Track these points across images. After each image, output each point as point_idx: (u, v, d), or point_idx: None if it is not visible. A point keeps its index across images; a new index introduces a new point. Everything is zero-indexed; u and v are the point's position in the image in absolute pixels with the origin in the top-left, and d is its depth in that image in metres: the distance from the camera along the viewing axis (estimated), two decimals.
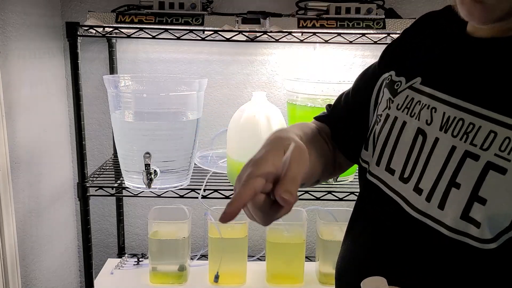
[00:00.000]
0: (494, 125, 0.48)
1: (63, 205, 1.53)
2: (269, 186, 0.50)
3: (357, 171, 0.76)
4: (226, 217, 0.47)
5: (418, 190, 0.55)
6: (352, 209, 0.72)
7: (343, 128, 0.75)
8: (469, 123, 0.50)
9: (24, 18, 1.25)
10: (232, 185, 1.18)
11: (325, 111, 0.81)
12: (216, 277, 1.40)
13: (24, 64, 1.26)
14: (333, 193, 1.20)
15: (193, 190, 1.21)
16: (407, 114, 0.58)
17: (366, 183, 0.65)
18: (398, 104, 0.61)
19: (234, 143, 1.20)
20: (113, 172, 1.38)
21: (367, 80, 0.73)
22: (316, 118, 0.80)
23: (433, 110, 0.55)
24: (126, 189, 1.22)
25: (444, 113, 0.53)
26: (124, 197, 1.58)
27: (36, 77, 1.33)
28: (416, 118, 0.57)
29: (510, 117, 0.47)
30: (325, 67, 1.51)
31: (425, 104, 0.56)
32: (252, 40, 1.20)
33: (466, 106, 0.51)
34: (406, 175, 0.56)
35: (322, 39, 1.20)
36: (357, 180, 1.16)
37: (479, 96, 0.51)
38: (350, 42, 1.22)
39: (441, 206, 0.52)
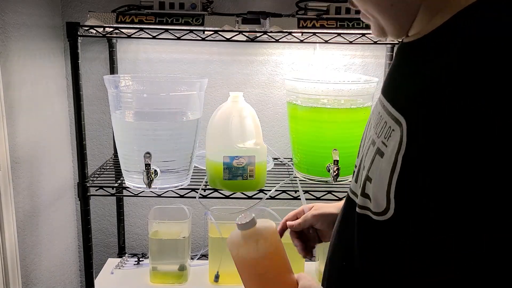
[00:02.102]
0: (387, 116, 0.53)
1: (63, 205, 1.54)
2: None
3: None
4: None
5: (357, 179, 0.62)
6: None
7: None
8: (380, 116, 0.56)
9: (24, 18, 1.25)
10: (213, 187, 1.19)
11: None
12: (216, 277, 1.40)
13: (25, 64, 1.26)
14: (333, 193, 1.20)
15: (193, 190, 1.21)
16: (370, 115, 0.64)
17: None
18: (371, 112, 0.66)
19: (209, 142, 1.20)
20: (114, 172, 1.38)
21: None
22: None
23: (376, 107, 0.61)
24: (127, 189, 1.22)
25: (379, 112, 0.58)
26: (124, 197, 1.59)
27: (37, 77, 1.33)
28: (373, 117, 0.62)
29: (395, 108, 0.52)
30: (325, 67, 1.51)
31: (376, 104, 0.61)
32: (252, 40, 1.20)
33: (383, 102, 0.57)
34: (358, 174, 0.63)
35: (322, 39, 1.20)
36: None
37: (389, 93, 0.57)
38: (350, 42, 1.22)
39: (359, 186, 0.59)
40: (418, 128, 0.47)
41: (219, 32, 1.20)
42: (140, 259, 1.55)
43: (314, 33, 1.19)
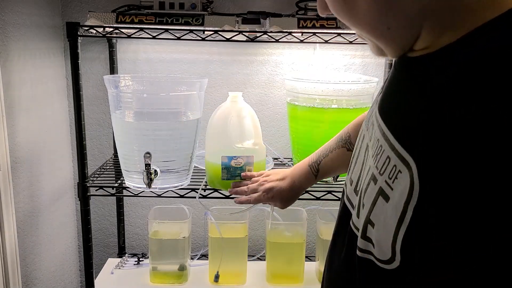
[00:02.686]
0: (391, 151, 0.46)
1: (63, 205, 1.54)
2: None
3: None
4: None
5: (355, 206, 0.55)
6: None
7: None
8: (380, 145, 0.49)
9: (24, 18, 1.25)
10: (212, 187, 1.21)
11: None
12: (216, 277, 1.40)
13: (25, 64, 1.26)
14: (333, 193, 1.20)
15: (193, 190, 1.21)
16: (366, 128, 0.59)
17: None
18: (367, 117, 0.61)
19: (208, 142, 1.20)
20: (114, 172, 1.38)
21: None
22: None
23: (372, 127, 0.55)
24: (127, 189, 1.22)
25: (374, 132, 0.53)
26: (124, 197, 1.59)
27: (37, 77, 1.33)
28: (367, 134, 0.57)
29: (400, 144, 0.45)
30: (325, 67, 1.51)
31: (372, 121, 0.56)
32: (252, 40, 1.20)
33: (382, 127, 0.50)
34: (358, 188, 0.56)
35: (322, 39, 1.20)
36: None
37: (389, 118, 0.50)
38: (350, 42, 1.22)
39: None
40: (433, 176, 0.40)
41: (219, 32, 1.20)
42: (140, 259, 1.55)
43: (314, 33, 1.19)
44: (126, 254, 1.61)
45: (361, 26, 0.49)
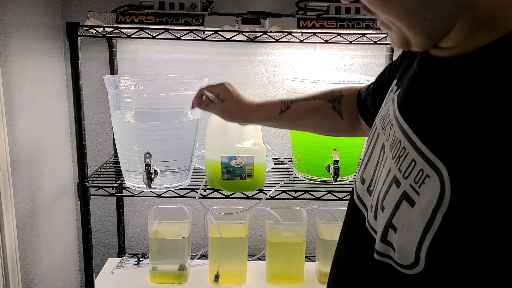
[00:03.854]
0: (416, 154, 0.45)
1: (63, 205, 1.54)
2: None
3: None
4: None
5: (372, 206, 0.54)
6: None
7: (366, 110, 0.84)
8: (403, 147, 0.48)
9: (24, 18, 1.25)
10: (212, 187, 1.19)
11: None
12: (216, 277, 1.40)
13: (25, 64, 1.26)
14: (333, 193, 1.20)
15: (193, 190, 1.21)
16: (381, 126, 0.58)
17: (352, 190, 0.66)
18: (381, 114, 0.60)
19: (208, 142, 1.20)
20: (113, 172, 1.38)
21: (391, 71, 0.73)
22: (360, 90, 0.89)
23: (391, 126, 0.54)
24: (127, 189, 1.22)
25: (394, 132, 0.52)
26: (124, 197, 1.59)
27: (37, 77, 1.33)
28: (383, 132, 0.56)
29: (428, 147, 0.44)
30: (325, 67, 1.51)
31: (390, 120, 0.55)
32: (252, 40, 1.20)
33: (405, 129, 0.49)
34: (371, 188, 0.55)
35: (322, 39, 1.20)
36: None
37: (414, 119, 0.49)
38: (350, 42, 1.22)
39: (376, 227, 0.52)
40: (467, 183, 0.39)
41: (219, 32, 1.20)
42: (140, 259, 1.55)
43: (314, 33, 1.19)
44: (126, 254, 1.61)
45: (394, 14, 0.46)
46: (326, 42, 1.21)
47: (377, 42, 1.20)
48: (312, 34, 1.19)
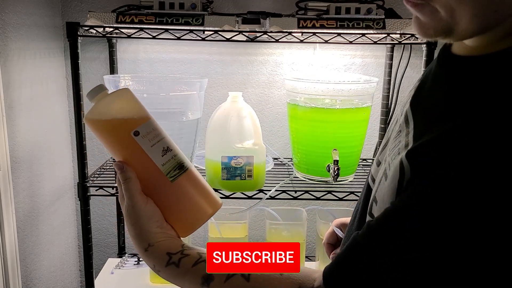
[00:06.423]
0: (405, 136, 0.50)
1: (63, 205, 1.54)
2: None
3: (357, 171, 0.78)
4: None
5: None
6: (352, 209, 0.73)
7: None
8: (399, 130, 0.53)
9: (24, 18, 1.25)
10: (211, 187, 1.16)
11: None
12: None
13: (25, 64, 1.26)
14: (333, 193, 1.20)
15: None
16: (401, 113, 0.61)
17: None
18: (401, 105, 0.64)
19: (208, 141, 1.20)
20: (114, 172, 1.38)
21: None
22: None
23: (401, 114, 0.58)
24: None
25: (401, 116, 0.57)
26: None
27: (37, 77, 1.33)
28: (397, 121, 0.60)
29: (409, 125, 0.49)
30: (325, 67, 1.51)
31: (403, 108, 0.59)
32: (252, 40, 1.20)
33: (407, 113, 0.53)
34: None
35: (322, 39, 1.20)
36: (357, 180, 1.17)
37: (416, 105, 0.53)
38: (350, 42, 1.22)
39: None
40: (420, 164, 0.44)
41: (219, 32, 1.20)
42: (140, 259, 1.55)
43: (314, 33, 1.19)
44: (126, 254, 1.61)
45: (465, 3, 0.44)
46: (326, 42, 1.21)
47: (377, 42, 1.20)
48: (312, 34, 1.19)
